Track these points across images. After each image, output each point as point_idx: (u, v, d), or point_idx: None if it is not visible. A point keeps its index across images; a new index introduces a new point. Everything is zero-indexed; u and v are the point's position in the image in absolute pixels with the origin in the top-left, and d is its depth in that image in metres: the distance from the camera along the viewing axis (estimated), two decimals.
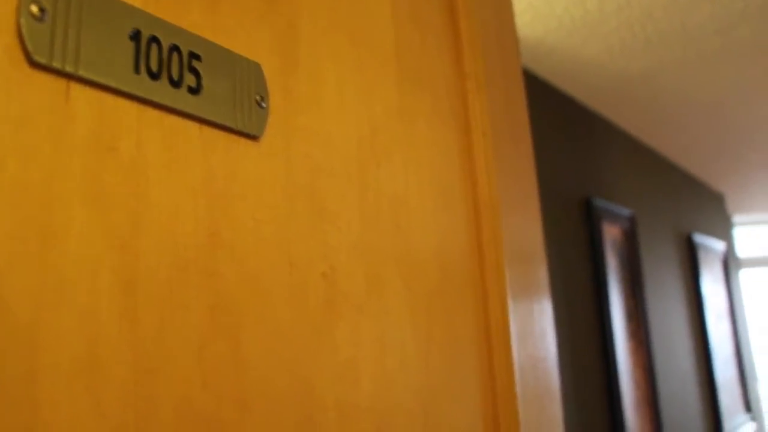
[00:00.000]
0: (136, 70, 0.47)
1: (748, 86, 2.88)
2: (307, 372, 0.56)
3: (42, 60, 0.42)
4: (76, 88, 0.44)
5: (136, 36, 0.48)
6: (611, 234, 2.96)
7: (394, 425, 0.64)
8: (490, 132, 0.87)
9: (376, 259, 0.66)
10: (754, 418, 4.52)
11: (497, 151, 0.89)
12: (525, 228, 0.90)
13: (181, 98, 0.50)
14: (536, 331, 0.94)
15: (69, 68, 0.43)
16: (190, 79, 0.51)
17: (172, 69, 0.50)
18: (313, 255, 0.59)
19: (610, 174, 3.06)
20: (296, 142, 0.60)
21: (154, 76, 0.48)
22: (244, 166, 0.55)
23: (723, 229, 4.93)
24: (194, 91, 0.51)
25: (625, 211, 3.07)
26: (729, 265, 4.69)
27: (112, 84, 0.46)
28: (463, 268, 0.80)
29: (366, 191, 0.67)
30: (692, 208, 4.25)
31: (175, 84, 0.50)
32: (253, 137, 0.56)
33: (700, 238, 4.13)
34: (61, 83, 0.43)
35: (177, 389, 0.46)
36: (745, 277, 5.80)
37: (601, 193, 2.93)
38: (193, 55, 0.52)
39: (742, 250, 6.03)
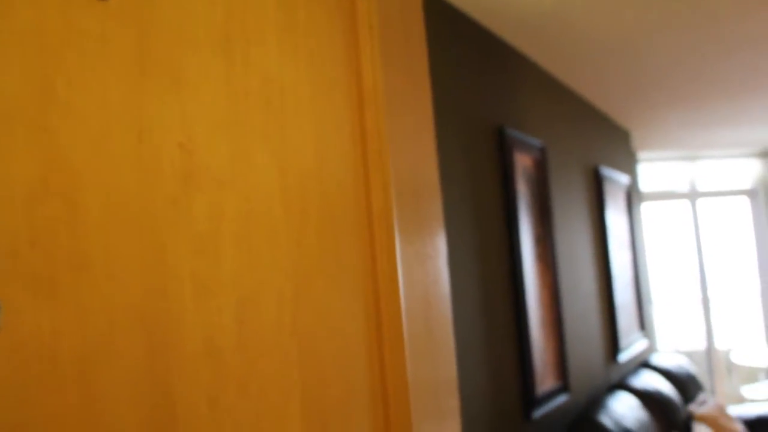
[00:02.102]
0: None
1: (654, 28, 2.89)
2: (159, 241, 0.52)
3: None
4: None
5: None
6: (522, 162, 2.97)
7: (259, 302, 0.61)
8: (377, 28, 0.83)
9: (244, 136, 0.62)
10: (646, 336, 4.71)
11: (386, 47, 0.84)
12: (411, 116, 0.86)
13: None
14: (423, 228, 0.92)
15: None
16: None
17: None
18: (168, 124, 0.54)
19: (523, 105, 3.06)
20: (152, 8, 0.55)
21: None
22: (87, 24, 0.49)
23: (628, 163, 5.03)
24: None
25: (536, 142, 3.08)
26: (632, 197, 4.81)
27: None
28: (345, 156, 0.76)
29: (233, 67, 0.62)
30: (600, 142, 4.31)
31: None
32: None
33: (606, 171, 4.20)
34: None
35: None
36: (646, 209, 5.97)
37: (514, 124, 2.93)
38: None
39: (644, 185, 6.20)
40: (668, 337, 6.43)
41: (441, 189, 2.16)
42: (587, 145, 4.00)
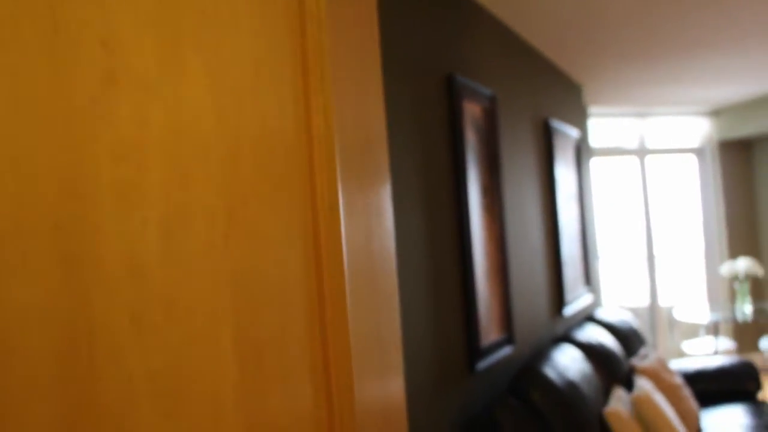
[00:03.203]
0: None
1: None
2: (76, 142, 0.49)
3: None
4: None
5: None
6: (472, 111, 2.96)
7: (188, 218, 0.58)
8: None
9: (174, 42, 0.59)
10: (592, 290, 4.83)
11: None
12: (357, 43, 0.84)
13: None
14: (367, 159, 0.90)
15: None
16: None
17: None
18: (88, 19, 0.51)
19: (474, 54, 3.04)
20: None
21: None
22: None
23: (578, 117, 5.09)
24: None
25: (487, 91, 3.07)
26: (581, 152, 4.87)
27: None
28: (285, 78, 0.74)
29: None
30: (551, 95, 4.34)
31: None
32: None
33: (556, 124, 4.23)
34: None
35: None
36: (595, 165, 6.07)
37: (464, 71, 2.91)
38: None
39: (594, 140, 6.28)
40: (613, 293, 6.62)
41: (387, 133, 2.14)
42: (538, 96, 4.02)
